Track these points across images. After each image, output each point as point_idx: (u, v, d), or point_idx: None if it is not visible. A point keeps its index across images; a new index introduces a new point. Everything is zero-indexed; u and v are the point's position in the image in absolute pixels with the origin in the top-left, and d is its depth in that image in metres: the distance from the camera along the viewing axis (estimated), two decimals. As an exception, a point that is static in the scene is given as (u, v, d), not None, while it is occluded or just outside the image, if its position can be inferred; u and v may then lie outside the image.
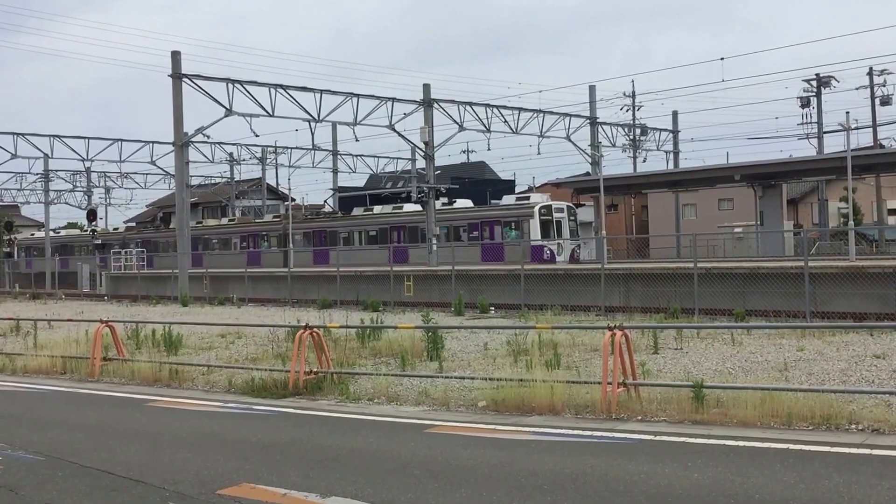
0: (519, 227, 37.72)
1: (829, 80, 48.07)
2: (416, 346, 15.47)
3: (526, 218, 37.37)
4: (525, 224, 37.37)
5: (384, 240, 42.24)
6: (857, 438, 8.15)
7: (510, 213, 38.36)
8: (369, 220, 44.87)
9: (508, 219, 38.12)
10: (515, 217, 38.07)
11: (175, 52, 36.58)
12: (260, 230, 51.39)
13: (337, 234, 45.89)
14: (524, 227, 37.39)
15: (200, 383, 13.95)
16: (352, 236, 45.14)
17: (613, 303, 25.39)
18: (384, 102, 38.77)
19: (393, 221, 43.38)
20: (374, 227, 44.26)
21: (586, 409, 10.01)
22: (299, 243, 46.68)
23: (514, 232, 37.85)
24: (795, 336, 16.09)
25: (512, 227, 38.12)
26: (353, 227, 45.59)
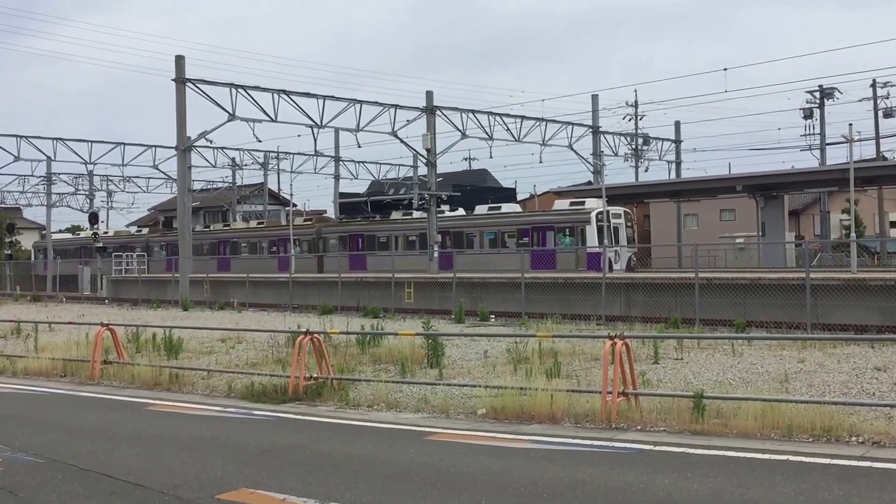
0: (574, 232, 36.00)
1: (832, 92, 48.10)
2: (416, 353, 15.46)
3: (582, 223, 35.65)
4: (581, 230, 35.65)
5: (426, 245, 39.90)
6: (858, 451, 8.14)
7: (564, 219, 36.51)
8: (409, 225, 42.91)
9: (562, 224, 36.35)
10: (570, 222, 36.26)
11: (179, 56, 36.62)
12: (288, 234, 48.75)
13: (374, 238, 44.11)
14: (580, 233, 35.66)
15: (200, 387, 13.95)
16: (390, 241, 43.33)
17: (614, 312, 25.38)
18: (387, 109, 38.83)
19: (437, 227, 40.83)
20: (414, 231, 42.24)
21: (586, 418, 10.00)
22: (334, 247, 45.37)
23: (567, 238, 36.14)
24: (796, 347, 16.08)
25: (566, 233, 36.34)
26: (391, 231, 43.83)
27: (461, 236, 40.05)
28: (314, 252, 45.65)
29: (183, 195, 38.99)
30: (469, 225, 40.53)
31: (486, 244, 38.68)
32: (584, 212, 35.88)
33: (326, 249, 45.67)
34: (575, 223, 35.90)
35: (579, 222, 35.73)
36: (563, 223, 36.45)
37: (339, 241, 45.67)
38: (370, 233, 44.63)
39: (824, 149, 48.15)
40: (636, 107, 54.87)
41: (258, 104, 36.12)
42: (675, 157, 54.45)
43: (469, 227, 39.72)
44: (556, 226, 36.05)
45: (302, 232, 48.20)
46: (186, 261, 39.25)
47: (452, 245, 39.18)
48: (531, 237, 37.35)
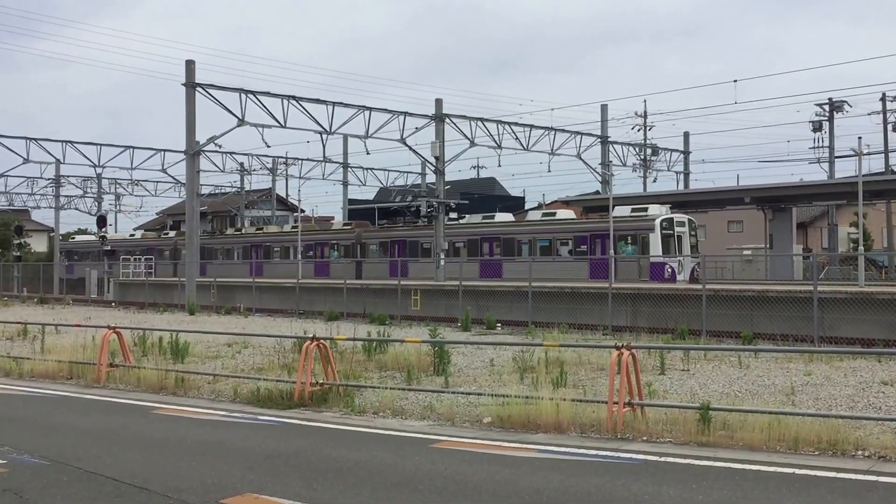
0: (636, 241, 34.04)
1: (841, 105, 48.05)
2: (422, 360, 15.46)
3: (645, 231, 33.69)
4: (644, 238, 33.71)
5: (473, 252, 38.74)
6: (864, 465, 8.11)
7: (625, 226, 34.22)
8: (456, 231, 40.74)
9: (623, 232, 34.08)
10: (632, 230, 34.17)
11: (189, 61, 36.80)
12: (328, 238, 47.39)
13: (418, 244, 42.18)
14: (642, 241, 33.75)
15: (206, 392, 13.97)
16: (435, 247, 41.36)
17: (621, 322, 25.34)
18: (396, 116, 38.91)
19: (484, 233, 39.56)
20: (461, 238, 40.32)
21: (592, 428, 9.99)
22: (375, 253, 43.76)
23: (629, 247, 34.25)
24: (803, 360, 16.03)
25: (627, 241, 34.36)
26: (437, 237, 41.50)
27: (511, 243, 37.98)
28: (352, 257, 44.02)
29: (191, 199, 39.06)
30: (520, 231, 38.47)
31: (538, 252, 36.63)
32: (648, 219, 34.00)
33: (366, 255, 44.03)
34: (638, 231, 34.05)
35: (642, 230, 33.90)
36: (625, 231, 34.24)
37: (380, 247, 44.04)
38: (413, 238, 42.66)
39: (833, 162, 48.09)
40: (645, 117, 54.88)
41: (267, 110, 36.26)
42: (684, 168, 54.46)
43: (520, 234, 37.82)
44: (618, 233, 33.42)
45: (340, 237, 46.68)
46: (193, 265, 39.36)
47: (502, 253, 37.59)
48: (589, 245, 35.36)
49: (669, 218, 33.81)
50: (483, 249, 38.87)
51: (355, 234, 45.41)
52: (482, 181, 65.47)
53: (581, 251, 35.43)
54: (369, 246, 44.45)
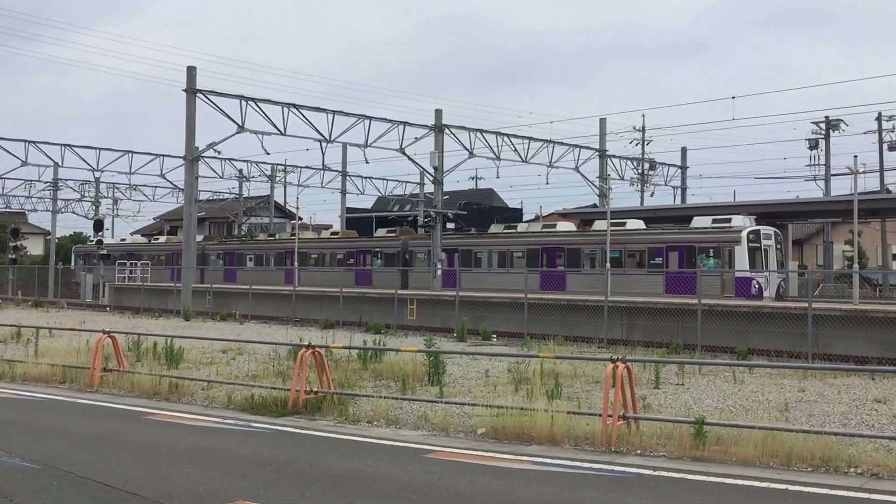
0: (719, 254, 31.83)
1: (837, 124, 48.32)
2: (417, 370, 15.45)
3: (730, 244, 31.48)
4: (728, 251, 31.53)
5: (533, 262, 36.28)
6: (856, 482, 8.12)
7: (707, 238, 32.26)
8: (513, 240, 38.69)
9: (705, 244, 32.16)
10: (715, 242, 32.00)
11: (190, 67, 36.84)
12: (371, 246, 44.98)
13: (471, 253, 39.88)
14: (726, 254, 31.55)
15: (200, 398, 13.94)
16: (490, 257, 39.19)
17: (616, 335, 25.35)
18: (395, 126, 38.98)
19: (544, 242, 36.85)
20: (519, 247, 38.17)
21: (586, 441, 9.98)
22: (422, 262, 41.36)
23: (711, 260, 32.02)
24: (797, 377, 16.05)
25: (709, 254, 32.19)
26: (491, 246, 39.51)
27: (576, 254, 35.70)
28: (397, 266, 42.03)
29: (189, 205, 39.07)
30: (585, 241, 35.95)
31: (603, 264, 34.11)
32: (733, 230, 31.83)
33: (412, 263, 41.76)
34: (721, 243, 31.83)
35: (727, 242, 31.68)
36: (706, 243, 32.24)
37: (429, 256, 41.29)
38: (466, 247, 40.39)
39: (829, 180, 48.29)
40: (643, 132, 55.09)
41: (268, 117, 36.32)
42: (681, 183, 54.62)
43: (585, 244, 35.50)
44: (698, 245, 32.00)
45: (384, 244, 44.32)
46: (189, 270, 39.32)
47: (566, 265, 35.38)
48: (665, 258, 33.13)
49: (756, 230, 31.75)
50: (543, 259, 36.46)
51: (401, 241, 43.22)
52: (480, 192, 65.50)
53: (656, 264, 33.27)
54: (416, 254, 42.15)
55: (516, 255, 38.08)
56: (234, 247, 53.09)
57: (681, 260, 32.10)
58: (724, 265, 31.34)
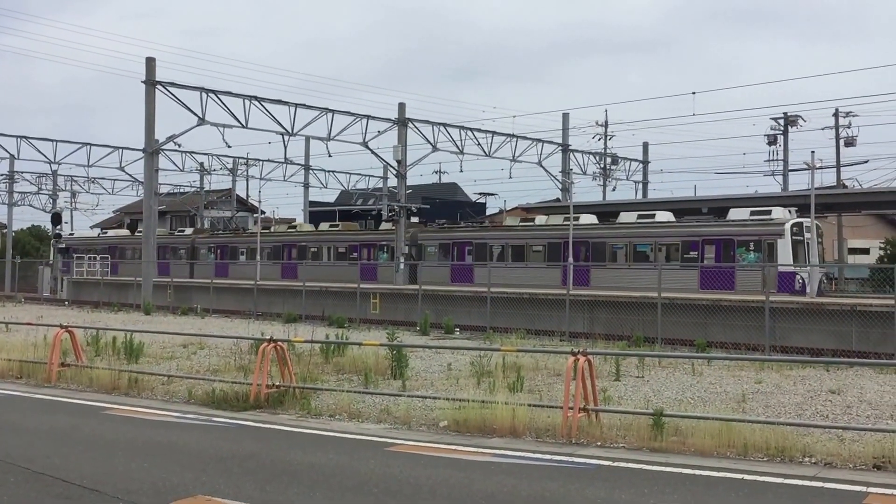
0: (760, 248, 30.09)
1: (795, 120, 49.13)
2: (380, 363, 15.46)
3: (772, 237, 29.77)
4: (770, 245, 29.80)
5: (553, 256, 34.59)
6: (811, 471, 8.28)
7: (747, 231, 30.57)
8: (532, 233, 36.79)
9: (745, 237, 30.53)
10: (755, 235, 30.31)
11: (150, 58, 36.45)
12: (377, 239, 42.91)
13: (486, 247, 37.84)
14: (768, 248, 29.83)
15: (160, 393, 13.82)
16: (506, 251, 37.22)
17: (578, 329, 25.56)
18: (359, 119, 38.87)
19: (566, 235, 34.31)
20: (539, 241, 36.30)
21: (547, 433, 10.06)
22: (431, 255, 39.76)
23: (751, 254, 30.44)
24: (754, 368, 16.31)
25: (749, 247, 30.51)
26: (509, 239, 37.44)
27: (602, 248, 34.07)
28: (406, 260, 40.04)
29: (149, 198, 38.70)
30: (612, 235, 34.29)
31: (633, 257, 33.05)
32: (775, 223, 30.16)
33: (422, 257, 39.55)
34: (762, 236, 30.16)
35: (768, 235, 29.99)
36: (746, 236, 30.61)
37: (440, 249, 39.89)
38: (481, 240, 38.34)
39: (787, 175, 49.13)
40: (606, 127, 55.51)
41: (229, 110, 36.04)
42: (643, 178, 55.09)
43: (613, 238, 33.87)
44: (737, 239, 30.43)
45: (391, 237, 41.89)
46: (150, 264, 38.93)
47: (591, 258, 33.84)
48: (700, 251, 31.48)
49: (800, 222, 30.23)
50: (567, 253, 34.42)
51: (410, 234, 41.04)
52: (444, 186, 65.58)
53: (690, 258, 31.51)
54: (426, 247, 40.36)
55: (535, 248, 36.33)
56: (226, 240, 50.70)
57: (717, 254, 30.46)
58: (765, 259, 29.67)
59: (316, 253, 45.10)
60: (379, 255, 41.90)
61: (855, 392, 13.57)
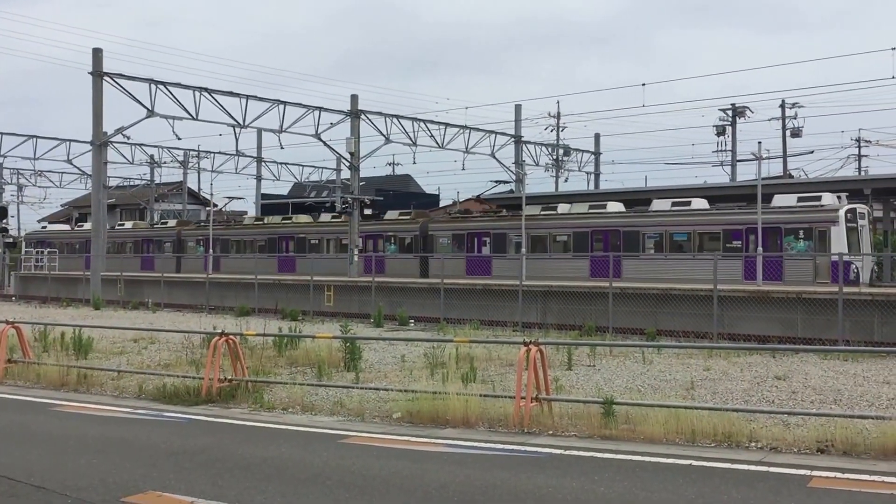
0: (810, 236, 28.21)
1: (743, 111, 49.99)
2: (333, 356, 15.43)
3: (825, 224, 27.90)
4: (821, 232, 27.94)
5: (580, 247, 32.81)
6: (756, 456, 8.48)
7: (796, 218, 28.61)
8: (556, 222, 34.69)
9: (794, 224, 28.60)
10: (805, 222, 28.40)
11: (97, 49, 35.80)
12: (383, 230, 40.65)
13: (505, 238, 35.55)
14: (820, 236, 27.97)
15: (110, 388, 13.64)
16: (526, 241, 34.76)
17: (531, 319, 25.78)
18: (311, 111, 38.57)
19: (595, 224, 32.75)
20: (563, 230, 34.11)
21: (499, 423, 10.15)
22: (445, 247, 37.31)
23: (801, 242, 28.58)
24: (703, 356, 16.61)
25: (799, 235, 28.61)
26: (530, 229, 34.85)
27: (634, 237, 31.84)
28: (416, 252, 38.07)
29: (97, 191, 38.10)
30: (644, 223, 32.07)
31: (669, 247, 31.03)
32: (827, 209, 28.28)
33: (434, 249, 37.47)
34: (813, 223, 28.27)
35: (820, 222, 28.11)
36: (795, 223, 28.65)
37: (454, 241, 37.45)
38: (499, 231, 36.02)
39: (735, 165, 50.01)
40: (558, 118, 55.88)
41: (179, 101, 35.49)
42: (595, 169, 55.58)
43: (645, 226, 31.82)
44: (785, 226, 28.55)
45: (399, 228, 39.98)
46: (99, 258, 38.33)
47: (623, 248, 31.65)
48: (744, 240, 29.57)
49: (853, 208, 28.57)
50: (594, 244, 32.70)
51: (419, 224, 39.08)
52: (397, 178, 65.53)
53: (733, 247, 29.62)
54: (438, 239, 38.14)
55: (559, 238, 34.30)
56: (217, 233, 47.67)
57: (764, 242, 28.18)
58: (817, 248, 27.97)
59: (316, 245, 42.76)
60: (387, 247, 39.69)
61: (800, 378, 13.90)
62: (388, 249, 39.59)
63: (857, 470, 7.78)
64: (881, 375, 14.17)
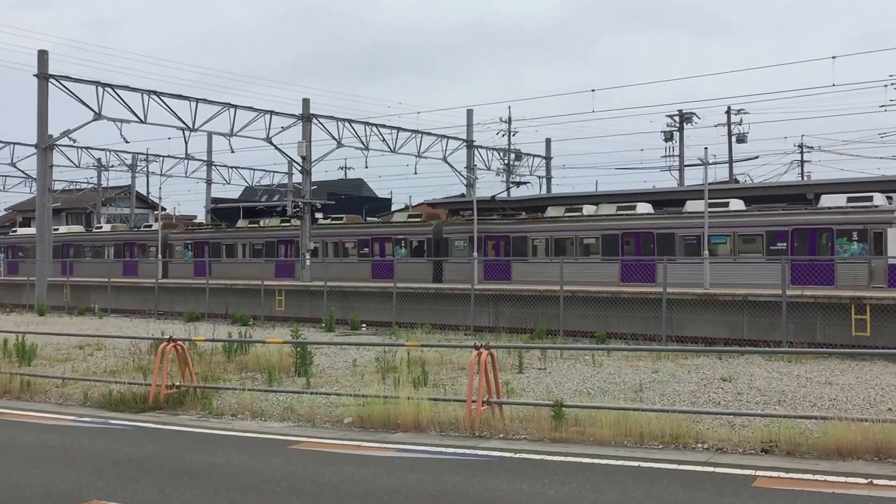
0: (865, 237, 26.72)
1: (690, 117, 50.86)
2: (284, 361, 15.30)
3: (881, 225, 26.46)
4: (877, 234, 26.46)
5: (610, 250, 31.06)
6: (703, 457, 8.61)
7: (848, 219, 27.15)
8: (582, 224, 32.78)
9: (847, 226, 27.10)
10: (858, 224, 26.89)
11: (42, 51, 35.31)
12: (393, 233, 38.51)
13: (527, 240, 33.86)
14: (875, 238, 26.49)
15: (54, 396, 13.36)
16: (549, 245, 33.21)
17: (483, 323, 25.86)
18: (262, 115, 38.26)
19: (624, 227, 31.13)
20: (592, 233, 32.34)
21: (451, 427, 10.17)
22: (461, 251, 35.44)
23: (854, 245, 27.11)
24: (651, 358, 16.80)
25: (852, 237, 27.11)
26: (551, 232, 33.30)
27: (669, 240, 30.17)
28: (428, 255, 36.18)
29: (42, 195, 37.46)
30: (679, 225, 30.46)
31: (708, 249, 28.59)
32: (883, 210, 26.94)
33: (449, 253, 35.74)
34: (868, 224, 26.78)
35: (875, 223, 26.60)
36: (847, 224, 27.18)
37: (470, 244, 34.60)
38: (520, 234, 34.20)
39: (683, 170, 50.81)
40: (509, 123, 56.14)
41: (126, 104, 34.93)
42: (546, 173, 56.01)
43: (680, 228, 30.26)
44: (836, 228, 27.17)
45: (409, 231, 37.69)
46: (45, 263, 37.62)
47: (656, 251, 29.97)
48: (789, 242, 27.90)
49: None
50: (625, 246, 31.19)
51: (432, 227, 36.96)
52: (349, 182, 65.25)
53: (777, 250, 27.84)
54: (454, 242, 36.22)
55: (587, 241, 32.46)
56: (206, 236, 45.59)
57: (812, 245, 27.16)
58: (872, 250, 26.53)
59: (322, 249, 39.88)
60: (397, 251, 37.49)
61: (745, 379, 14.14)
62: (398, 253, 37.28)
63: (800, 469, 7.95)
64: (823, 376, 14.49)
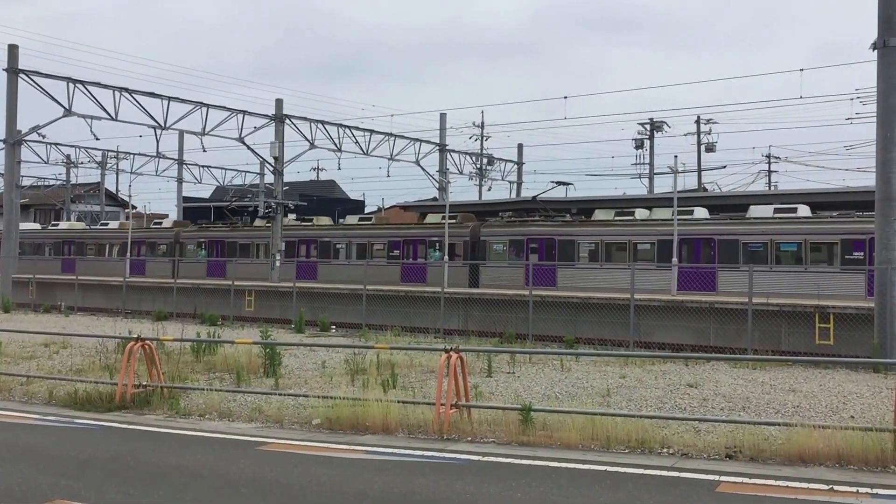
0: None
1: (661, 125, 51.44)
2: (252, 362, 15.24)
3: None
4: None
5: (664, 256, 28.58)
6: (668, 462, 8.71)
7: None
8: (635, 228, 30.92)
9: None
10: None
11: (12, 45, 35.01)
12: (426, 235, 35.95)
13: (574, 244, 31.70)
14: None
15: (18, 394, 13.20)
16: (599, 249, 31.25)
17: (452, 326, 25.92)
18: (235, 114, 38.04)
19: (681, 232, 28.35)
20: (646, 238, 30.27)
21: (419, 430, 10.19)
22: (500, 255, 33.43)
23: None
24: (619, 364, 16.92)
25: None
26: (602, 235, 31.24)
27: (732, 247, 28.22)
28: (464, 259, 34.11)
29: (10, 191, 37.11)
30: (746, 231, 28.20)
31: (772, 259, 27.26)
32: None
33: (487, 256, 33.75)
34: None
35: None
36: None
37: (510, 247, 33.41)
38: (567, 238, 32.06)
39: (653, 178, 51.34)
40: (482, 127, 56.32)
41: (97, 101, 34.58)
42: (517, 178, 56.21)
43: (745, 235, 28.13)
44: None
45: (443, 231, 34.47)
46: (10, 259, 37.12)
47: (716, 259, 28.26)
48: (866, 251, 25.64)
49: None
50: (683, 253, 29.04)
51: (469, 229, 35.02)
52: (322, 183, 65.01)
53: (853, 259, 26.06)
54: (492, 245, 34.29)
55: (640, 246, 30.56)
56: (222, 234, 43.33)
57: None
58: None
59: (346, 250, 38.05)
60: (431, 254, 35.26)
61: (711, 385, 14.30)
62: (431, 256, 35.26)
63: (763, 475, 8.06)
64: (787, 384, 14.69)
